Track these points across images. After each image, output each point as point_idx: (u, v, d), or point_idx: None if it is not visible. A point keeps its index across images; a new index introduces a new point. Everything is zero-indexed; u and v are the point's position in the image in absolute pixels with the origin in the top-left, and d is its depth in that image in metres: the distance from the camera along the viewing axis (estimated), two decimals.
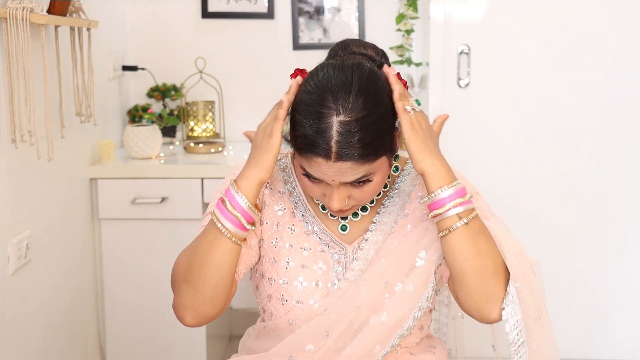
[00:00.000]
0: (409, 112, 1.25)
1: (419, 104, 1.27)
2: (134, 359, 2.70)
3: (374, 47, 1.37)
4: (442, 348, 1.49)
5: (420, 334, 1.43)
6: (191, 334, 2.67)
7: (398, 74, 1.35)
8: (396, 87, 1.26)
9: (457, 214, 1.26)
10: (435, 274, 1.35)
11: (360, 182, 1.26)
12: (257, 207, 1.32)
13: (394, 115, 1.27)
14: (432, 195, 1.26)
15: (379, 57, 1.36)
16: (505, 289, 1.28)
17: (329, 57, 1.38)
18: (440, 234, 1.28)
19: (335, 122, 1.20)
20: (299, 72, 1.32)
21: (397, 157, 1.39)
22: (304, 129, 1.22)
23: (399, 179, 1.43)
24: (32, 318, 2.14)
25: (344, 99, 1.20)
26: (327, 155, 1.20)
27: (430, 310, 1.45)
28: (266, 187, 1.42)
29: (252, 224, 1.30)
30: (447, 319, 1.60)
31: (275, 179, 1.43)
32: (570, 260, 2.88)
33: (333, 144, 1.19)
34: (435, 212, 1.27)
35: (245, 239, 1.32)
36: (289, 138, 1.30)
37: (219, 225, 1.28)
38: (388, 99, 1.26)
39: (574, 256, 2.88)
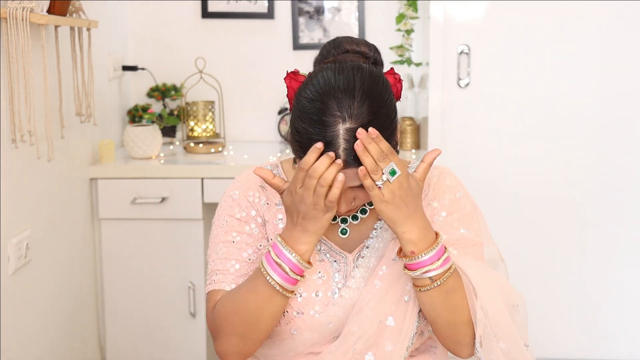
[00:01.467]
0: (379, 186, 1.19)
1: (393, 174, 1.19)
2: (134, 359, 2.70)
3: (366, 44, 1.35)
4: (442, 348, 1.48)
5: (420, 340, 1.42)
6: (191, 335, 2.67)
7: (392, 69, 1.34)
8: (366, 162, 1.18)
9: (429, 277, 1.25)
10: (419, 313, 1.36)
11: None
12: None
13: (396, 113, 1.26)
14: (405, 258, 1.25)
15: (372, 53, 1.34)
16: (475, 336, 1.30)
17: (321, 55, 1.36)
18: (414, 288, 1.29)
19: (342, 129, 1.18)
20: (292, 75, 1.31)
21: (397, 152, 1.38)
22: (310, 138, 1.19)
23: None
24: (32, 318, 2.14)
25: (349, 105, 1.18)
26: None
27: None
28: (264, 203, 1.41)
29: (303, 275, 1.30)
30: None
31: (271, 191, 1.42)
32: (569, 259, 2.88)
33: (341, 152, 1.18)
34: (408, 272, 1.26)
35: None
36: (288, 139, 1.29)
37: (277, 287, 1.26)
38: (389, 97, 1.24)
39: (573, 256, 2.87)
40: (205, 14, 3.07)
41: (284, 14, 3.07)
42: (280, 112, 3.07)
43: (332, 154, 1.18)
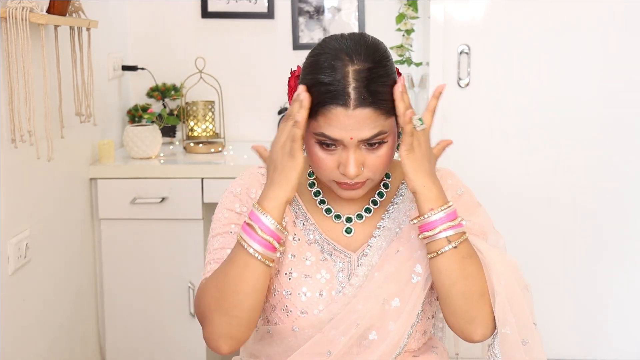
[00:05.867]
0: (415, 127, 1.25)
1: (421, 123, 1.27)
2: (134, 359, 2.70)
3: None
4: (442, 348, 1.49)
5: (423, 339, 1.42)
6: (191, 335, 2.67)
7: (397, 69, 1.35)
8: (400, 105, 1.26)
9: (446, 237, 1.26)
10: (430, 288, 1.36)
11: (376, 143, 1.26)
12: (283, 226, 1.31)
13: (394, 78, 1.29)
14: (423, 217, 1.27)
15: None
16: (491, 312, 1.29)
17: None
18: (429, 256, 1.29)
19: (351, 70, 1.23)
20: (294, 74, 1.33)
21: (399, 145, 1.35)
22: (319, 84, 1.23)
23: (403, 185, 1.42)
24: (31, 318, 2.14)
25: (357, 52, 1.24)
26: (345, 103, 1.22)
27: (433, 315, 1.44)
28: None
29: (282, 244, 1.28)
30: (442, 323, 1.60)
31: None
32: (569, 259, 2.87)
33: (351, 90, 1.21)
34: (425, 234, 1.27)
35: (274, 260, 1.29)
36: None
37: (251, 250, 1.25)
38: (390, 59, 1.30)
39: (571, 256, 2.87)
40: (205, 14, 3.07)
41: (284, 13, 3.07)
42: (280, 112, 3.07)
43: (304, 99, 1.23)
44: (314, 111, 1.24)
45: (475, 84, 2.82)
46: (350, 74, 1.22)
